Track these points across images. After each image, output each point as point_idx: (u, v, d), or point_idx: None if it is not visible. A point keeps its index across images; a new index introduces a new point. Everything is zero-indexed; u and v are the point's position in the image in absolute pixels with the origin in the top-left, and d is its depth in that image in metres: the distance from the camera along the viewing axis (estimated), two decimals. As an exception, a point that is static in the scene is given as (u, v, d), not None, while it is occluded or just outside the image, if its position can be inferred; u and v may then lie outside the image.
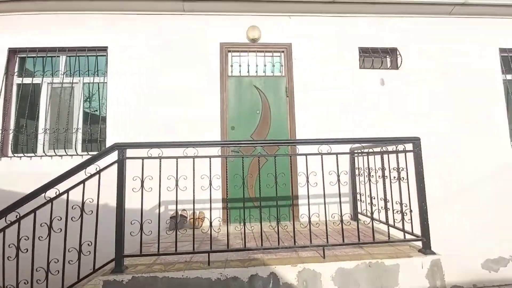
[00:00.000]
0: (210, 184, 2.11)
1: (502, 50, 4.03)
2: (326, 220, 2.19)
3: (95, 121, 3.61)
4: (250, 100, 3.56)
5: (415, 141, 2.30)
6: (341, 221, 2.21)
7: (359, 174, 3.25)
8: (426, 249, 2.19)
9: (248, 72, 3.64)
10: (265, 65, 3.66)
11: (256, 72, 3.65)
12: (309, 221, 2.18)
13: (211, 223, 2.12)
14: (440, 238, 3.48)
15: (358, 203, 3.29)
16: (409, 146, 2.37)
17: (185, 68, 3.58)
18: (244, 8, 3.63)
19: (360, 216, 3.27)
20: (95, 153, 3.38)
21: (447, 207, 3.57)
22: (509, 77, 4.04)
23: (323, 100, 3.63)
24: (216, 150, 2.40)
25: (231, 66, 3.67)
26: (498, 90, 3.90)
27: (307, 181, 2.18)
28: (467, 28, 4.01)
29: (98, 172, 2.02)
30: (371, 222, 2.68)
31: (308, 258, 2.11)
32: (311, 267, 2.00)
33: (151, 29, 3.65)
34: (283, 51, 3.68)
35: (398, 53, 3.80)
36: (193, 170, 2.07)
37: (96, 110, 3.71)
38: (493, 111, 3.85)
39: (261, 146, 3.07)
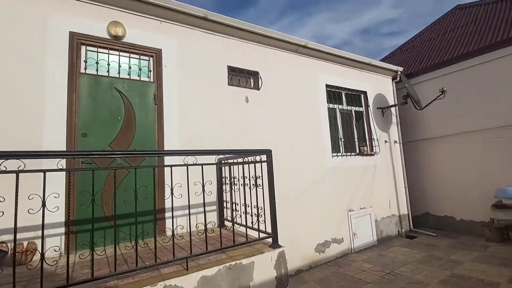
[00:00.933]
0: (44, 205, 1.67)
1: (327, 86, 5.45)
2: (190, 231, 2.19)
3: None
4: (110, 104, 3.13)
5: (268, 153, 2.70)
6: (205, 229, 2.27)
7: (225, 183, 3.48)
8: (275, 244, 2.58)
9: (108, 72, 3.20)
10: (130, 67, 3.34)
11: (119, 73, 3.26)
12: (173, 235, 2.11)
13: (42, 254, 1.66)
14: (287, 232, 4.21)
15: (225, 210, 3.50)
16: (264, 157, 2.75)
17: (14, 56, 2.74)
18: (106, -1, 3.21)
19: (226, 222, 3.49)
20: None
21: (292, 206, 4.38)
22: (331, 105, 5.50)
23: (193, 111, 3.68)
24: (56, 163, 1.94)
25: (85, 61, 3.12)
26: (324, 114, 5.22)
27: (172, 193, 2.12)
28: (307, 65, 5.17)
29: None
30: (234, 227, 2.91)
31: (171, 274, 2.03)
32: (173, 283, 1.93)
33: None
34: (152, 56, 3.49)
35: (259, 76, 4.41)
36: (16, 189, 1.58)
37: None
38: (321, 130, 5.11)
39: (121, 157, 2.75)
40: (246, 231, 2.64)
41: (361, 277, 3.93)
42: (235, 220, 3.08)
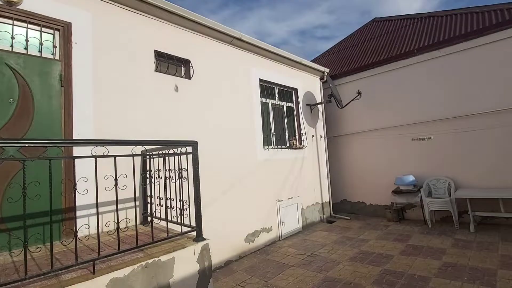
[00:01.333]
0: None
1: (261, 80, 5.59)
2: (98, 231, 1.97)
3: None
4: (-3, 82, 2.56)
5: (193, 144, 2.62)
6: (117, 227, 2.08)
7: (149, 176, 3.26)
8: (199, 237, 2.54)
9: (-5, 43, 2.60)
10: (27, 41, 2.77)
11: (12, 46, 2.68)
12: (75, 235, 1.86)
13: None
14: (218, 225, 4.22)
15: (149, 205, 3.29)
16: (190, 149, 2.66)
17: None
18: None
19: (150, 218, 3.28)
20: None
21: (223, 198, 4.39)
22: (264, 100, 5.67)
23: (113, 98, 3.31)
24: None
25: (-39, 27, 2.47)
26: (257, 108, 5.35)
27: (75, 189, 1.86)
28: (242, 58, 5.19)
29: None
30: (157, 223, 2.76)
31: (73, 280, 1.79)
32: (74, 289, 1.71)
33: None
34: (58, 30, 2.97)
35: (191, 65, 4.23)
36: None
37: None
38: (254, 123, 5.23)
39: (12, 147, 2.31)
40: (167, 226, 2.53)
41: (286, 262, 4.21)
42: (160, 216, 2.93)
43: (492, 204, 4.94)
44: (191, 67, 4.22)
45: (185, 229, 2.58)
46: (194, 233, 2.59)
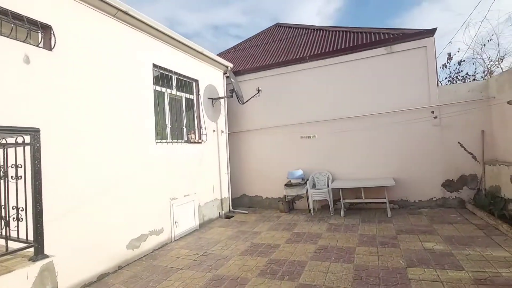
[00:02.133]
0: None
1: (155, 66, 5.00)
2: None
3: None
4: None
5: (34, 133, 1.97)
6: None
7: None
8: (38, 255, 1.93)
9: None
10: None
11: None
12: None
13: None
14: (89, 235, 3.50)
15: (-32, 216, 2.35)
16: (28, 139, 1.99)
17: None
18: None
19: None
20: None
21: (99, 202, 3.67)
22: (158, 88, 5.10)
23: None
24: None
25: None
26: (149, 97, 4.76)
27: None
28: (131, 37, 4.47)
29: None
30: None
31: None
32: None
33: None
34: None
35: (52, 32, 3.30)
36: None
37: None
38: (144, 113, 4.62)
39: None
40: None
41: (175, 265, 3.88)
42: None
43: (357, 193, 5.99)
44: (52, 35, 3.30)
45: (17, 245, 1.92)
46: (32, 250, 1.96)
